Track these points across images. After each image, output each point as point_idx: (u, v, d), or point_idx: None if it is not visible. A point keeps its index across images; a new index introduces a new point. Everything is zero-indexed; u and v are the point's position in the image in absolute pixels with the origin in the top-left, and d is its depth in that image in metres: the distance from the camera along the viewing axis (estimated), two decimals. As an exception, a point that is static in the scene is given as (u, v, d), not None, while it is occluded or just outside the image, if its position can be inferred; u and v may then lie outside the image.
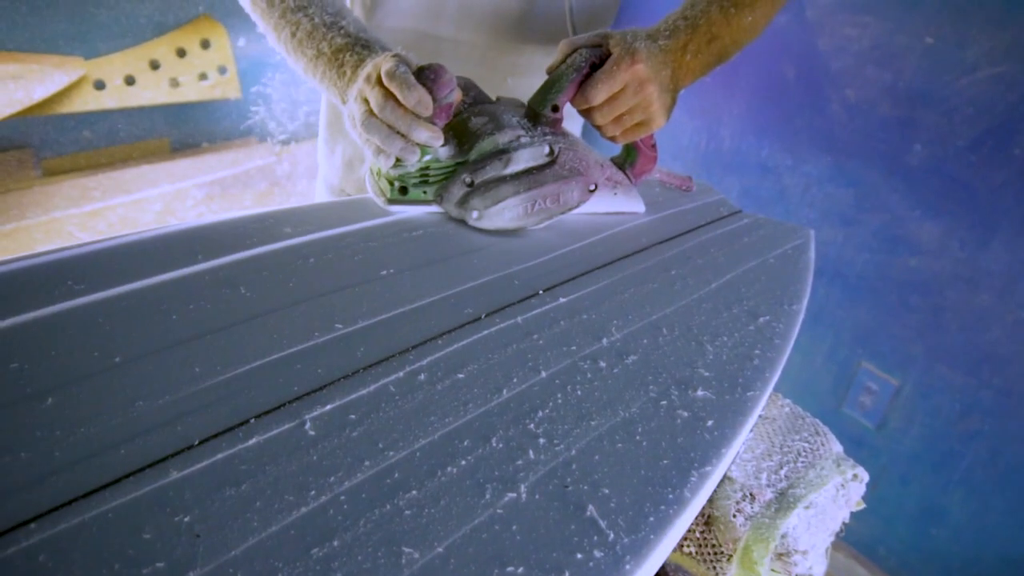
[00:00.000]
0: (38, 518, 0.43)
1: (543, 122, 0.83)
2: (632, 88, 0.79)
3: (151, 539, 0.43)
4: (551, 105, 0.82)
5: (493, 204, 0.80)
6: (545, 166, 0.81)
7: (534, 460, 0.53)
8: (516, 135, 0.80)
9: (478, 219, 0.81)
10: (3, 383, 0.52)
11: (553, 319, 0.69)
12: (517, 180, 0.80)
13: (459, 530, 0.47)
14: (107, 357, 0.56)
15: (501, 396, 0.59)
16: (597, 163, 0.87)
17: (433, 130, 0.75)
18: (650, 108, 0.82)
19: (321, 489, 0.48)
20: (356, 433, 0.53)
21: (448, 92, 0.74)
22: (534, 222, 0.82)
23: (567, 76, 0.81)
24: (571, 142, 0.84)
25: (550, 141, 0.82)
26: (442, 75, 0.74)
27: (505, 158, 0.79)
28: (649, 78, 0.79)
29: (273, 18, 0.86)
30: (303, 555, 0.44)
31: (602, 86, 0.79)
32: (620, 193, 0.92)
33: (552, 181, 0.81)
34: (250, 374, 0.57)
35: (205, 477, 0.48)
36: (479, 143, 0.80)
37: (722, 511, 0.62)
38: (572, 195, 0.83)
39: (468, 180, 0.80)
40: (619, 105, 0.81)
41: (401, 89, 0.72)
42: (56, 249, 0.67)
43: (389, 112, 0.73)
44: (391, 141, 0.75)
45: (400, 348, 0.62)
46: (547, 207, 0.82)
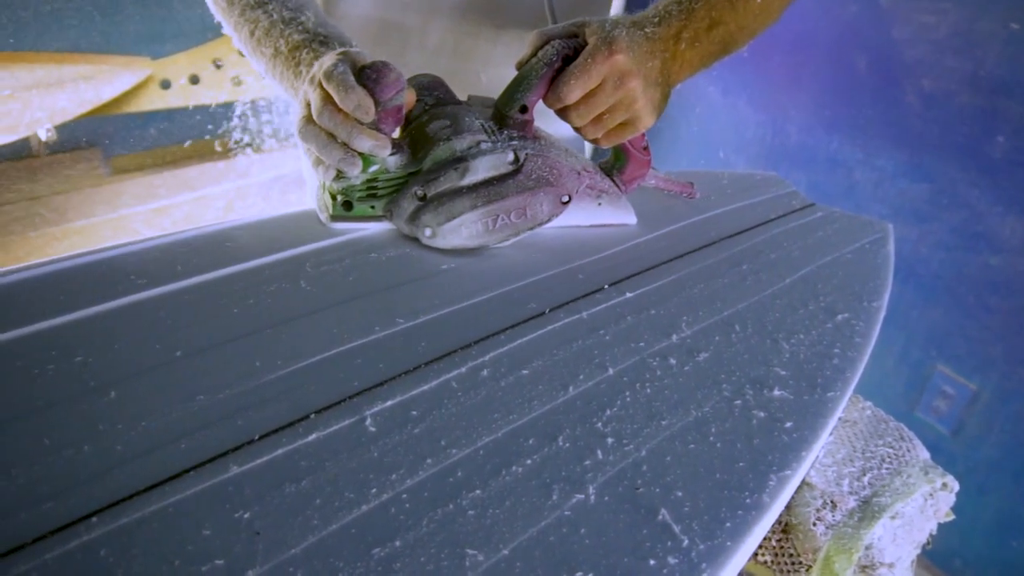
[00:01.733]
0: (100, 512, 0.43)
1: (510, 125, 0.73)
2: (611, 83, 0.69)
3: (211, 535, 0.42)
4: (518, 106, 0.71)
5: (447, 220, 0.70)
6: (508, 176, 0.71)
7: (602, 460, 0.51)
8: (476, 140, 0.70)
9: (431, 237, 0.71)
10: (67, 376, 0.52)
11: (619, 314, 0.66)
12: (475, 192, 0.70)
13: (525, 532, 0.45)
14: (168, 351, 0.55)
15: (567, 393, 0.56)
16: (573, 171, 0.75)
17: (377, 137, 0.66)
18: (634, 106, 0.71)
19: (382, 487, 0.47)
20: (418, 430, 0.51)
21: (394, 93, 0.65)
22: (497, 239, 0.72)
23: (536, 72, 0.70)
24: (542, 147, 0.73)
25: (515, 147, 0.71)
26: (385, 75, 0.64)
27: (462, 167, 0.69)
28: (631, 71, 0.68)
29: (233, 16, 0.79)
30: (364, 555, 0.42)
31: (575, 82, 0.68)
32: (606, 203, 0.81)
33: (515, 193, 0.71)
34: (310, 369, 0.56)
35: (265, 473, 0.47)
36: (433, 150, 0.70)
37: (801, 519, 0.58)
38: (541, 208, 0.72)
39: (420, 193, 0.70)
40: (597, 103, 0.70)
41: (338, 92, 0.63)
42: (120, 244, 0.67)
43: (327, 118, 0.64)
44: (329, 150, 0.66)
45: (462, 343, 0.60)
46: (512, 222, 0.72)
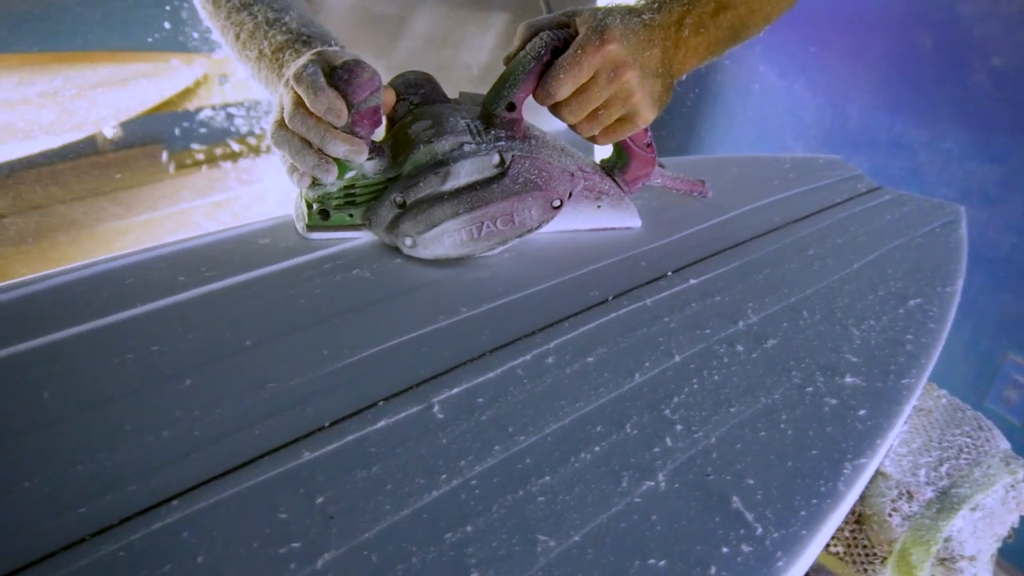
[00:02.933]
0: (180, 495, 0.44)
1: (497, 124, 0.67)
2: (604, 75, 0.63)
3: (287, 519, 0.43)
4: (505, 103, 0.66)
5: (428, 229, 0.65)
6: (492, 180, 0.66)
7: (672, 447, 0.50)
8: (459, 142, 0.66)
9: (412, 247, 0.67)
10: (145, 365, 0.53)
11: (684, 301, 0.66)
12: (456, 198, 0.65)
13: (595, 519, 0.45)
14: (238, 340, 0.56)
15: (633, 380, 0.56)
16: (566, 173, 0.70)
17: (352, 142, 0.62)
18: (631, 99, 0.65)
19: (452, 473, 0.47)
20: (485, 417, 0.51)
21: (368, 94, 0.61)
22: (483, 248, 0.68)
23: (523, 67, 0.65)
24: (531, 148, 0.68)
25: (501, 148, 0.66)
26: (358, 74, 0.60)
27: (443, 172, 0.65)
28: (625, 61, 0.63)
29: (220, 20, 0.76)
30: (436, 539, 0.43)
31: (565, 75, 0.63)
32: (607, 205, 0.76)
33: (500, 198, 0.66)
34: (376, 357, 0.56)
35: (336, 459, 0.47)
36: (413, 153, 0.66)
37: (875, 509, 0.57)
38: (529, 214, 0.68)
39: (399, 200, 0.66)
40: (590, 98, 0.65)
41: (308, 94, 0.59)
42: (185, 239, 0.68)
43: (299, 122, 0.61)
44: (303, 157, 0.62)
45: (526, 331, 0.60)
46: (498, 229, 0.67)
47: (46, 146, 1.92)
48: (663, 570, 0.42)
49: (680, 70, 0.69)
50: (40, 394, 0.50)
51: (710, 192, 0.84)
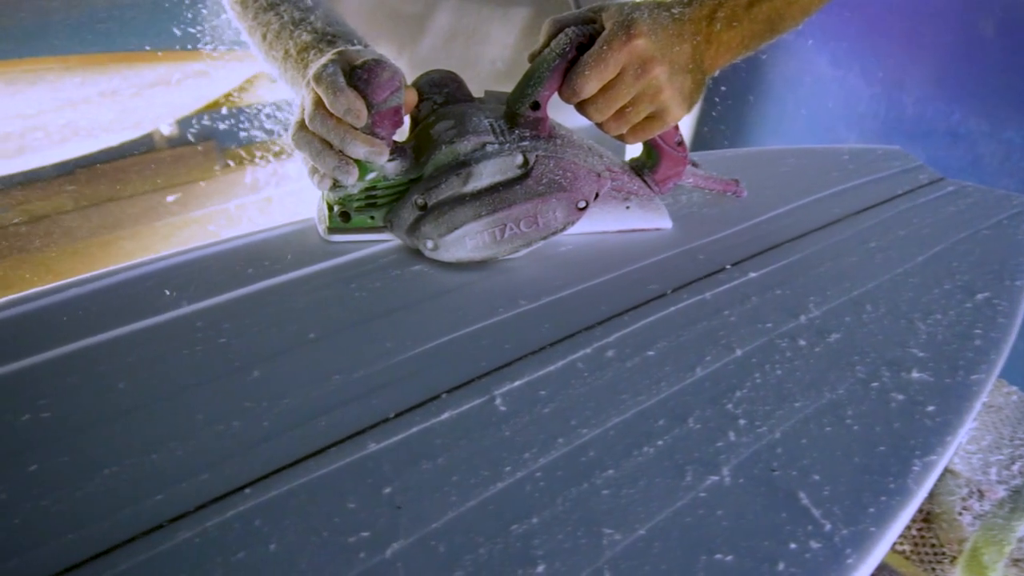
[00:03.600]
0: (252, 484, 0.45)
1: (521, 124, 0.66)
2: (631, 72, 0.61)
3: (355, 508, 0.44)
4: (529, 102, 0.65)
5: (449, 231, 0.64)
6: (515, 180, 0.65)
7: (735, 442, 0.50)
8: (481, 142, 0.64)
9: (433, 250, 0.66)
10: (214, 356, 0.55)
11: (744, 295, 0.65)
12: (478, 200, 0.64)
13: (660, 513, 0.45)
14: (302, 333, 0.58)
15: (694, 374, 0.55)
16: (592, 173, 0.68)
17: (372, 143, 0.61)
18: (660, 96, 0.63)
19: (516, 465, 0.47)
20: (548, 409, 0.52)
21: (388, 94, 0.60)
22: (507, 251, 0.66)
23: (548, 64, 0.63)
24: (556, 148, 0.66)
25: (525, 148, 0.65)
26: (378, 74, 0.59)
27: (464, 172, 0.63)
28: (653, 57, 0.61)
29: (247, 20, 0.76)
30: (503, 531, 0.43)
31: (590, 72, 0.61)
32: (635, 206, 0.74)
33: (524, 199, 0.64)
34: (438, 349, 0.57)
35: (402, 450, 0.48)
36: (435, 154, 0.65)
37: (944, 508, 0.56)
38: (554, 215, 0.66)
39: (420, 202, 0.65)
40: (617, 95, 0.63)
41: (328, 95, 0.59)
42: (245, 234, 0.70)
43: (319, 123, 0.60)
44: (323, 158, 0.61)
45: (585, 324, 0.60)
46: (522, 232, 0.65)
47: (106, 144, 1.98)
48: (730, 565, 0.42)
49: (712, 66, 0.67)
50: (116, 385, 0.51)
51: (744, 192, 0.82)
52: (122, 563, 0.40)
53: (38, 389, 0.50)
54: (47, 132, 1.92)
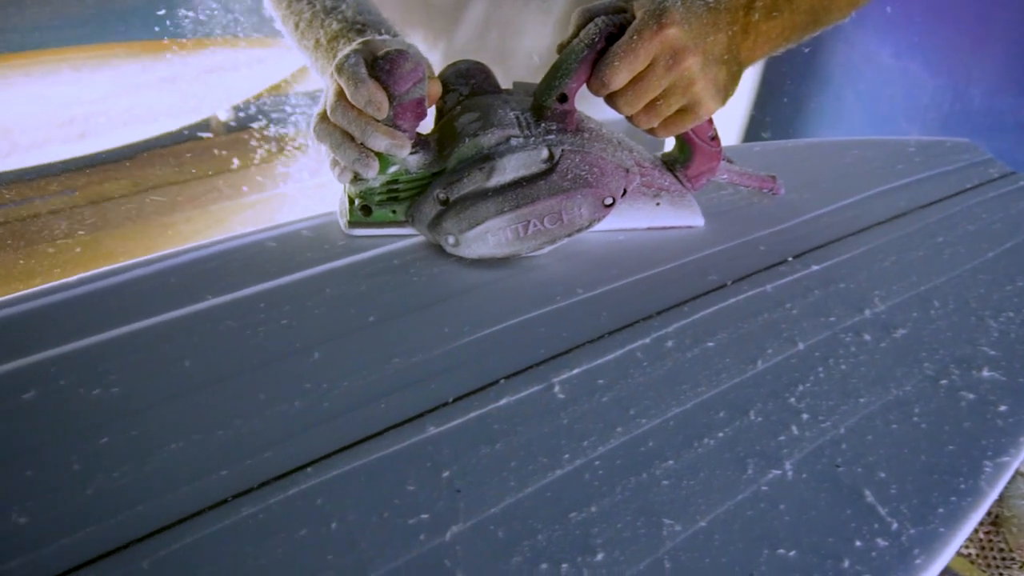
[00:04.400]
0: (314, 463, 0.46)
1: (548, 117, 0.64)
2: (663, 63, 0.58)
3: (415, 491, 0.44)
4: (557, 94, 0.62)
5: (471, 227, 0.62)
6: (540, 176, 0.63)
7: (798, 436, 0.49)
8: (505, 136, 0.62)
9: (454, 246, 0.64)
10: (276, 338, 0.55)
11: (806, 288, 0.64)
12: (501, 195, 0.62)
13: (721, 505, 0.44)
14: (362, 316, 0.58)
15: (756, 367, 0.55)
16: (620, 168, 0.65)
17: (394, 136, 0.59)
18: (692, 88, 0.60)
19: (575, 453, 0.47)
20: (606, 398, 0.51)
21: (411, 86, 0.58)
22: (531, 247, 0.64)
23: (576, 55, 0.61)
24: (583, 142, 0.64)
25: (550, 142, 0.63)
26: (400, 64, 0.58)
27: (487, 167, 0.62)
28: (686, 47, 0.58)
29: (281, 9, 0.75)
30: (561, 518, 0.43)
31: (620, 63, 0.58)
32: (665, 203, 0.71)
33: (548, 195, 0.62)
34: (495, 336, 0.57)
35: (461, 434, 0.48)
36: (458, 148, 0.63)
37: (1015, 512, 0.54)
38: (579, 212, 0.64)
39: (441, 196, 0.63)
40: (648, 87, 0.60)
41: (348, 85, 0.57)
42: (308, 218, 0.70)
43: (340, 115, 0.59)
44: (344, 150, 0.60)
45: (644, 314, 0.59)
46: (546, 228, 0.63)
47: (165, 129, 2.02)
48: (793, 561, 0.41)
49: (750, 57, 0.64)
50: (182, 362, 0.52)
51: (782, 189, 0.78)
52: (188, 536, 0.41)
53: (107, 365, 0.51)
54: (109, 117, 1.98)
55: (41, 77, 2.06)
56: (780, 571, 0.41)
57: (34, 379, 0.50)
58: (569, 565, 0.41)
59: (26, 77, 2.04)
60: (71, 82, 2.05)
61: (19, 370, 0.50)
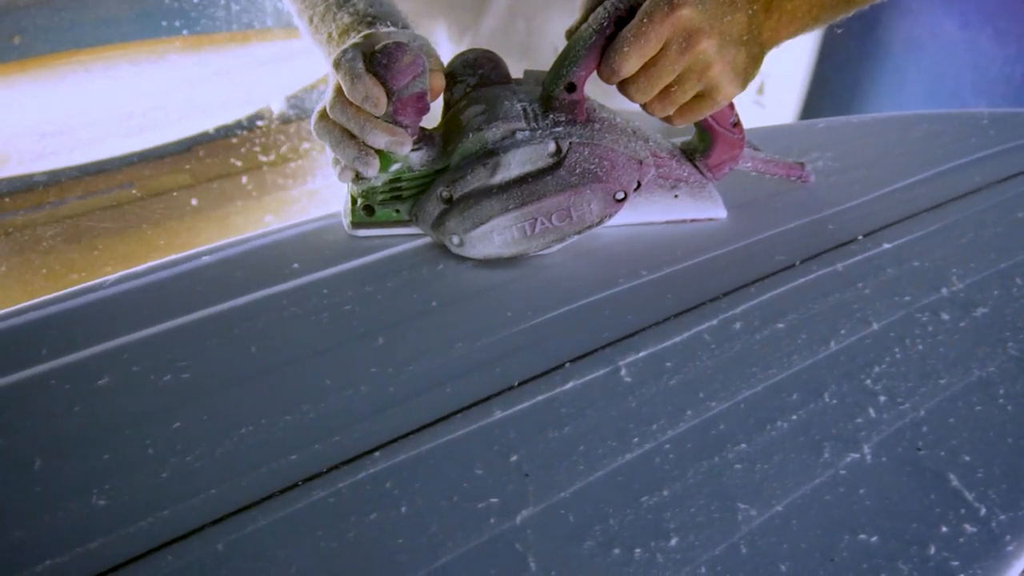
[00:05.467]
0: (382, 447, 0.46)
1: (556, 107, 0.60)
2: (675, 46, 0.54)
3: (483, 475, 0.44)
4: (564, 83, 0.59)
5: (475, 226, 0.60)
6: (547, 171, 0.59)
7: (876, 419, 0.47)
8: (510, 129, 0.59)
9: (459, 246, 0.61)
10: (339, 324, 0.55)
11: (878, 266, 0.61)
12: (507, 192, 0.59)
13: (798, 489, 0.43)
14: (424, 301, 0.58)
15: (828, 348, 0.53)
16: (633, 160, 0.62)
17: (394, 132, 0.57)
18: (708, 72, 0.56)
19: (644, 437, 0.46)
20: (674, 381, 0.50)
21: (410, 80, 0.56)
22: (538, 246, 0.61)
23: (584, 41, 0.57)
24: (593, 133, 0.61)
25: (558, 135, 0.59)
26: (398, 58, 0.55)
27: (492, 163, 0.59)
28: (700, 29, 0.54)
29: (297, 4, 0.73)
30: (633, 502, 0.42)
31: (630, 48, 0.54)
32: (684, 195, 0.67)
33: (555, 191, 0.59)
34: (559, 319, 0.56)
35: (528, 418, 0.48)
36: (462, 143, 0.60)
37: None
38: (589, 208, 0.60)
39: (445, 194, 0.60)
40: (660, 73, 0.56)
41: (345, 81, 0.56)
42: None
43: (339, 111, 0.57)
44: (344, 148, 0.58)
45: (710, 296, 0.58)
46: (554, 226, 0.60)
47: (220, 121, 2.06)
48: (875, 547, 0.40)
49: (773, 38, 0.59)
50: (249, 349, 0.53)
51: (811, 176, 0.73)
52: (261, 519, 0.41)
53: (178, 351, 0.52)
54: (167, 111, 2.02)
55: (100, 73, 2.12)
56: (862, 557, 0.39)
57: (108, 366, 0.51)
58: (642, 550, 0.40)
59: (86, 73, 2.09)
60: (129, 77, 2.09)
61: (93, 357, 0.51)
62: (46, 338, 0.53)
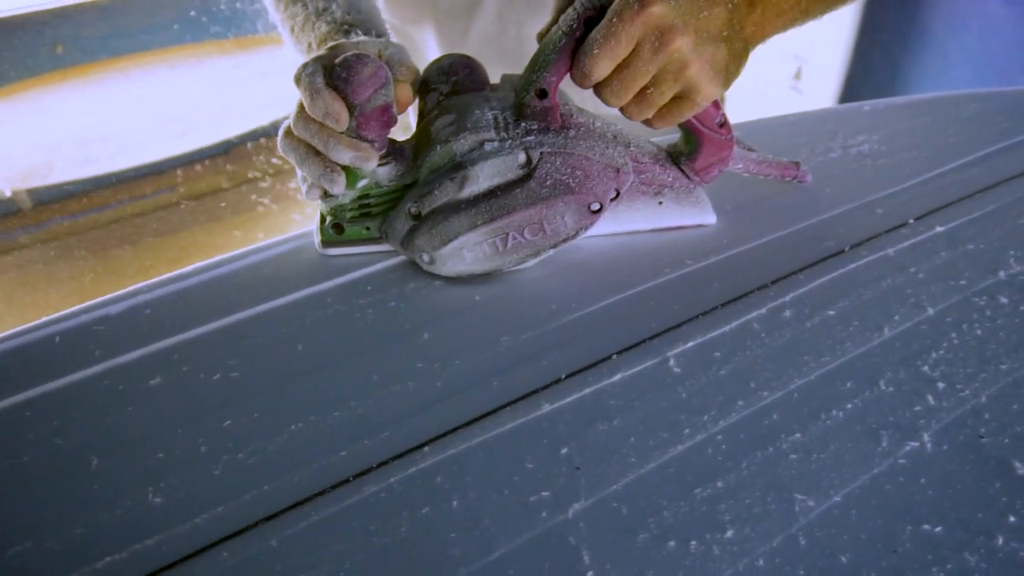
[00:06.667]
0: (431, 442, 0.46)
1: (528, 115, 0.57)
2: (648, 46, 0.51)
3: (534, 468, 0.44)
4: (535, 90, 0.55)
5: (444, 243, 0.57)
6: (516, 183, 0.57)
7: (935, 406, 0.46)
8: (479, 140, 0.56)
9: (430, 263, 0.59)
10: (384, 320, 0.56)
11: (931, 250, 0.60)
12: (475, 207, 0.56)
13: (856, 479, 0.42)
14: (468, 297, 0.58)
15: (882, 335, 0.52)
16: (610, 168, 0.58)
17: (358, 147, 0.55)
18: (685, 73, 0.52)
19: (695, 428, 0.46)
20: (724, 371, 0.49)
21: (371, 92, 0.53)
22: (513, 261, 0.59)
23: (553, 44, 0.53)
24: (566, 142, 0.57)
25: (528, 144, 0.56)
26: (358, 71, 0.53)
27: (460, 176, 0.56)
28: (674, 26, 0.50)
29: (280, 14, 0.71)
30: (686, 494, 0.42)
31: (600, 50, 0.51)
32: (669, 201, 0.64)
33: (525, 205, 0.56)
34: (604, 311, 0.55)
35: (576, 411, 0.47)
36: (430, 156, 0.57)
37: None
38: (562, 221, 0.57)
39: (413, 210, 0.58)
40: (634, 75, 0.52)
41: (305, 97, 0.54)
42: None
43: (302, 127, 0.55)
44: (308, 165, 0.56)
45: (758, 284, 0.57)
46: (527, 240, 0.57)
47: (259, 123, 2.08)
48: (940, 537, 0.39)
49: (758, 33, 0.56)
50: (296, 347, 0.53)
51: (808, 176, 0.69)
52: (314, 514, 0.42)
53: (226, 351, 0.53)
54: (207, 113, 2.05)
55: (140, 78, 2.16)
56: (926, 548, 0.38)
57: (159, 366, 0.52)
58: (698, 542, 0.40)
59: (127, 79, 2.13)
60: (168, 82, 2.13)
61: (145, 357, 0.52)
62: (98, 340, 0.54)
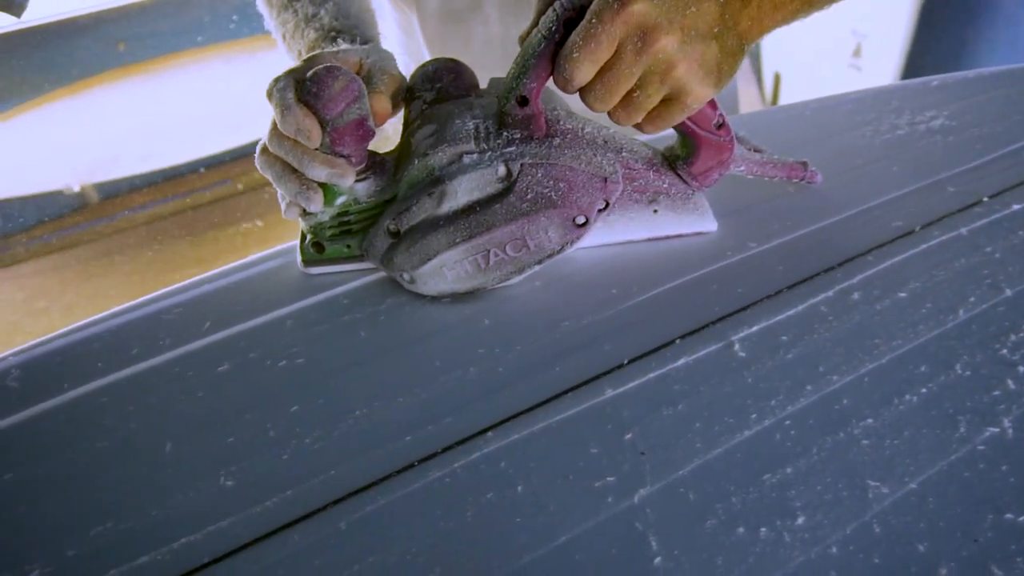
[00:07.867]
0: (494, 427, 0.46)
1: (510, 124, 0.54)
2: (631, 47, 0.48)
3: (598, 454, 0.44)
4: (516, 97, 0.52)
5: (423, 262, 0.54)
6: (496, 198, 0.54)
7: (1015, 391, 0.44)
8: (457, 153, 0.54)
9: (410, 283, 0.56)
10: (446, 307, 0.56)
11: (1008, 229, 0.58)
12: (454, 224, 0.53)
13: (933, 466, 0.41)
14: (528, 281, 0.57)
15: (957, 317, 0.50)
16: (597, 178, 0.55)
17: (333, 164, 0.53)
18: (672, 73, 0.49)
19: (762, 413, 0.45)
20: (791, 355, 0.48)
21: (343, 107, 0.51)
22: (496, 279, 0.56)
23: (532, 50, 0.50)
24: (551, 151, 0.54)
25: (509, 156, 0.53)
26: (328, 85, 0.50)
27: (438, 191, 0.53)
28: (657, 25, 0.47)
29: (273, 20, 0.69)
30: (755, 480, 0.41)
31: (581, 54, 0.48)
32: (665, 208, 0.60)
33: (505, 221, 0.53)
34: (666, 296, 0.55)
35: (640, 396, 0.47)
36: (408, 170, 0.55)
37: None
38: (546, 236, 0.54)
39: (392, 227, 0.55)
40: (617, 78, 0.49)
41: (276, 113, 0.52)
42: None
43: (276, 144, 0.53)
44: (285, 183, 0.54)
45: (824, 266, 0.56)
46: (510, 256, 0.55)
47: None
48: (1023, 527, 0.37)
49: (755, 29, 0.52)
50: (358, 334, 0.54)
51: (818, 177, 0.64)
52: (381, 498, 0.42)
53: (291, 338, 0.54)
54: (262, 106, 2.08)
55: (197, 73, 2.20)
56: (1009, 537, 0.37)
57: (227, 353, 0.53)
58: (768, 529, 0.39)
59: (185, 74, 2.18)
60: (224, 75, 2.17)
61: (213, 345, 0.53)
62: (168, 328, 0.55)
